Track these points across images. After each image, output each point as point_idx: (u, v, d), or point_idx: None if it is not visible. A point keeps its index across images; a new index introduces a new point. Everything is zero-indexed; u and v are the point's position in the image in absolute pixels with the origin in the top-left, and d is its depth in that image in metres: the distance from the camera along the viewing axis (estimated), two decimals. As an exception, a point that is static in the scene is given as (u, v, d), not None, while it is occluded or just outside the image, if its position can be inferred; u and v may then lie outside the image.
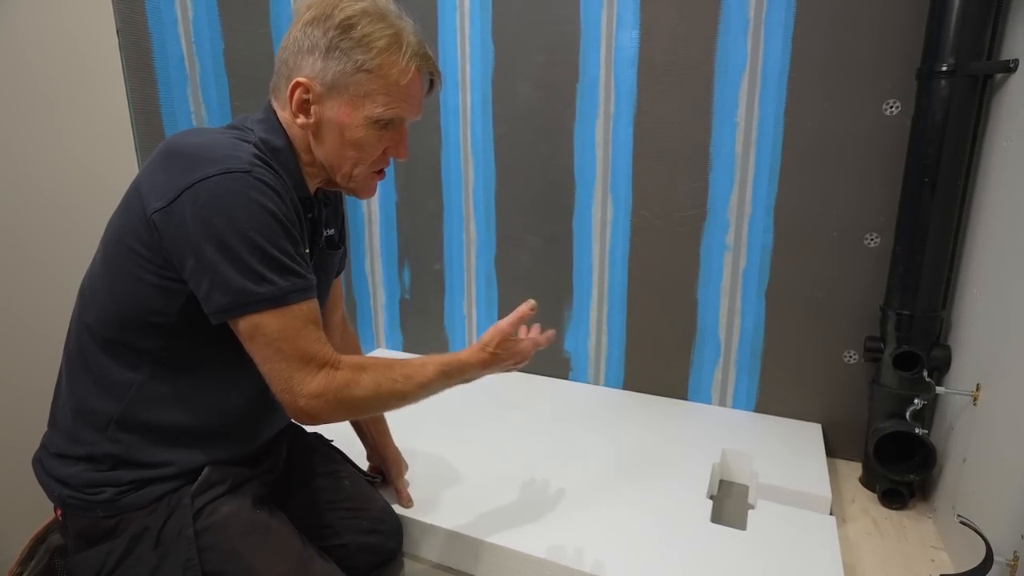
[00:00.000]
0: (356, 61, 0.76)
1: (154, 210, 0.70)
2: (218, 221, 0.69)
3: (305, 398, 0.73)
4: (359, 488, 1.04)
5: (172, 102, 1.29)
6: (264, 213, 0.71)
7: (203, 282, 0.70)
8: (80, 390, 0.78)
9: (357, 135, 0.80)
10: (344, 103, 0.78)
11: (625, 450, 1.33)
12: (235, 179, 0.70)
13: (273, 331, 0.72)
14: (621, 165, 1.50)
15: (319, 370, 0.74)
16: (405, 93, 0.80)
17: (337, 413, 0.77)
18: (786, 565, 0.97)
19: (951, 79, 1.10)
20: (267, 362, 0.73)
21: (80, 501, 0.77)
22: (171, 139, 0.75)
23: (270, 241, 0.71)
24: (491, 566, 1.03)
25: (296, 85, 0.78)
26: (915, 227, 1.19)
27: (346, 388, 0.75)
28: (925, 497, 1.28)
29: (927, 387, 1.19)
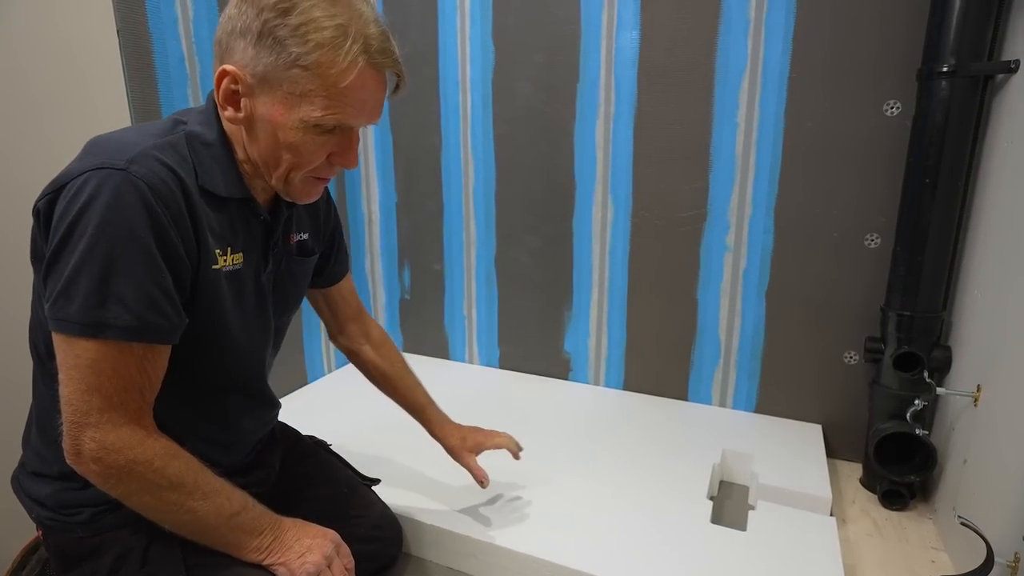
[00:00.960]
0: (291, 54, 0.64)
1: (36, 200, 0.64)
2: (65, 227, 0.60)
3: (94, 444, 0.62)
4: (357, 494, 1.03)
5: (172, 102, 1.29)
6: (118, 230, 0.60)
7: (44, 278, 0.63)
8: (38, 406, 0.75)
9: (292, 138, 0.68)
10: (277, 100, 0.67)
11: (625, 451, 1.32)
12: (102, 177, 0.60)
13: (81, 359, 0.61)
14: (621, 165, 1.50)
15: (125, 424, 0.63)
16: (349, 96, 0.67)
17: (114, 480, 0.64)
18: (786, 566, 0.97)
19: (952, 80, 1.10)
20: (67, 383, 0.62)
21: (58, 522, 0.73)
22: (95, 136, 0.69)
23: (112, 262, 0.60)
24: (491, 566, 1.03)
25: (223, 74, 0.67)
26: (916, 228, 1.19)
27: (146, 464, 0.64)
28: (926, 498, 1.28)
29: (927, 388, 1.19)
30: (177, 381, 0.70)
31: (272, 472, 0.93)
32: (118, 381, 0.63)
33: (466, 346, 1.82)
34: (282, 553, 0.73)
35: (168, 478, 0.66)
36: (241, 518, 0.71)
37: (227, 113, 0.69)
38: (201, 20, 1.33)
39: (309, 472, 1.01)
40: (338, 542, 0.79)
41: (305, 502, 0.97)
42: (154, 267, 0.63)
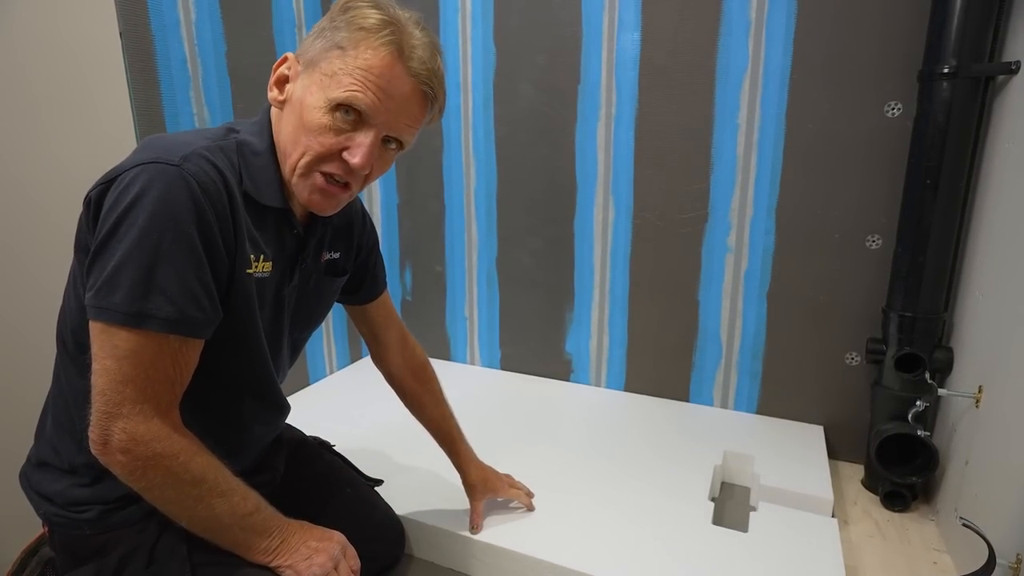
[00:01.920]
0: (336, 39, 0.69)
1: (88, 191, 0.65)
2: (117, 215, 0.61)
3: (123, 435, 0.63)
4: (361, 494, 1.04)
5: (175, 104, 1.29)
6: (168, 222, 0.62)
7: (87, 268, 0.63)
8: (57, 400, 0.76)
9: (314, 117, 0.69)
10: (314, 82, 0.70)
11: (626, 452, 1.32)
12: (156, 170, 0.62)
13: (119, 349, 0.62)
14: (622, 167, 1.50)
15: (155, 416, 0.65)
16: (375, 81, 0.68)
17: (139, 473, 0.65)
18: (788, 567, 0.97)
19: (953, 81, 1.10)
20: (101, 374, 0.63)
21: (66, 519, 0.74)
22: (147, 137, 0.72)
23: (160, 254, 0.62)
24: (492, 568, 1.03)
25: (283, 60, 0.73)
26: (917, 229, 1.19)
27: (172, 458, 0.65)
28: (927, 499, 1.27)
29: (929, 389, 1.19)
30: (195, 382, 0.71)
31: (277, 475, 0.93)
32: (153, 373, 0.64)
33: (467, 347, 1.82)
34: (289, 555, 0.74)
35: (191, 473, 0.67)
36: (254, 519, 0.72)
37: (272, 94, 0.74)
38: (203, 23, 1.34)
39: (313, 473, 1.01)
40: (344, 544, 0.79)
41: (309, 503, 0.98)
42: (198, 261, 0.64)
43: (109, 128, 1.20)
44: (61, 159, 1.16)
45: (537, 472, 1.23)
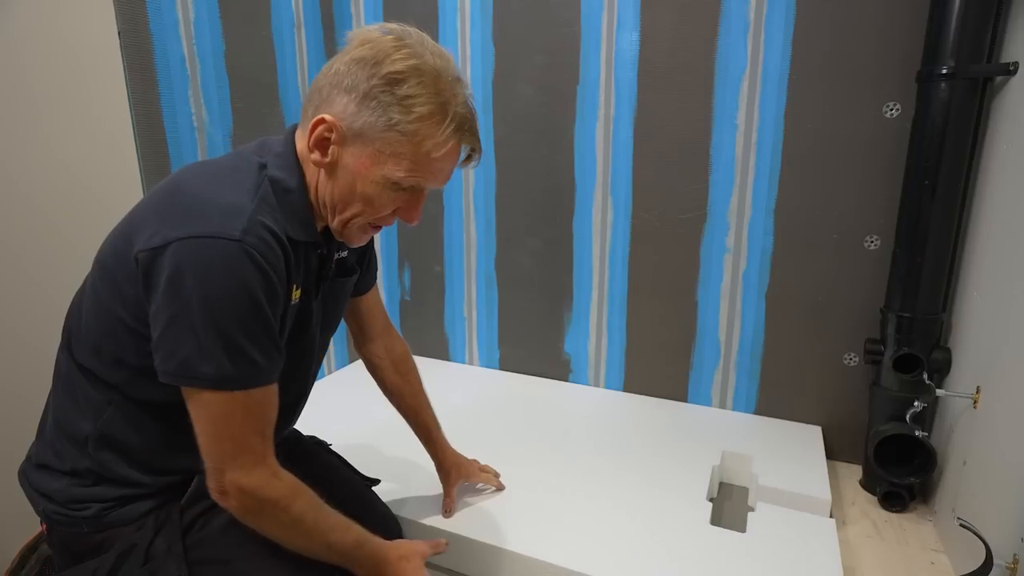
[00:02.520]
0: (391, 119, 0.70)
1: (138, 250, 0.66)
2: (188, 290, 0.64)
3: (233, 487, 0.70)
4: (358, 494, 1.04)
5: (173, 103, 1.29)
6: (240, 294, 0.65)
7: (158, 338, 0.67)
8: (62, 405, 0.77)
9: (369, 190, 0.74)
10: (366, 155, 0.72)
11: (625, 452, 1.32)
12: (221, 247, 0.64)
13: (213, 411, 0.68)
14: (621, 167, 1.50)
15: (255, 466, 0.71)
16: (434, 165, 0.74)
17: (250, 516, 0.72)
18: (786, 568, 0.97)
19: (951, 82, 1.10)
20: (203, 435, 0.69)
21: (65, 517, 0.74)
22: (182, 172, 0.73)
23: (237, 324, 0.66)
24: (490, 567, 1.03)
25: (320, 121, 0.72)
26: (915, 230, 1.19)
27: (274, 504, 0.72)
28: (925, 500, 1.28)
29: (927, 390, 1.19)
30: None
31: None
32: (245, 427, 0.70)
33: (466, 347, 1.82)
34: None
35: (291, 516, 0.73)
36: (355, 554, 0.79)
37: (313, 156, 0.74)
38: (202, 22, 1.33)
39: (309, 472, 1.00)
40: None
41: None
42: (268, 322, 0.69)
43: (107, 127, 1.20)
44: (59, 158, 1.16)
45: (535, 472, 1.23)
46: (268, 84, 1.52)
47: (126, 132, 1.23)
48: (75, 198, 1.18)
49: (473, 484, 1.16)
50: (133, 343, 0.70)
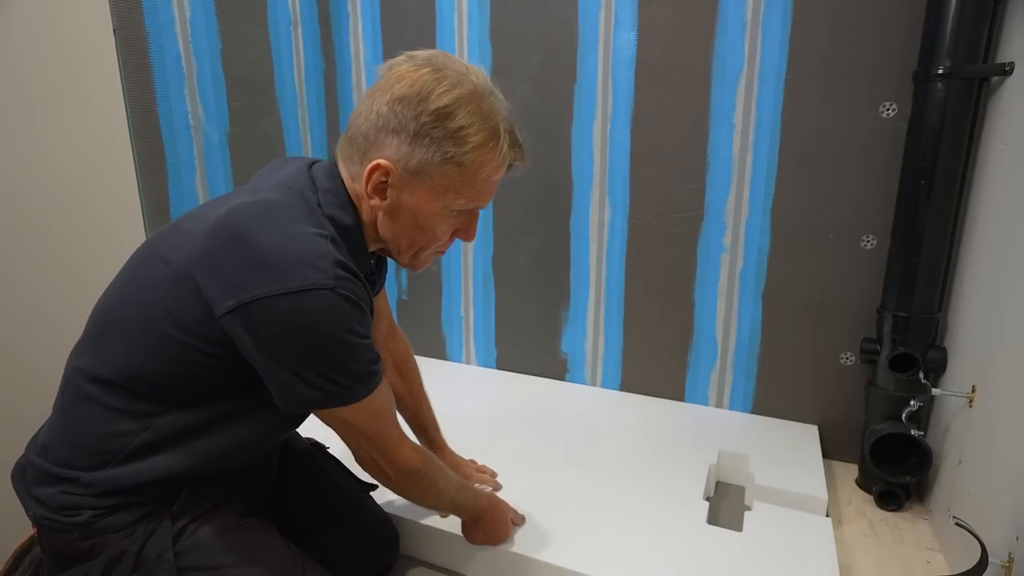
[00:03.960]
0: (447, 153, 0.72)
1: (224, 311, 0.67)
2: (298, 340, 0.68)
3: (389, 467, 0.82)
4: (355, 497, 1.03)
5: (169, 101, 1.29)
6: (344, 333, 0.70)
7: (276, 380, 0.71)
8: (80, 421, 0.76)
9: (431, 222, 0.78)
10: (425, 191, 0.74)
11: (621, 451, 1.32)
12: (318, 298, 0.67)
13: (356, 419, 0.77)
14: (618, 166, 1.50)
15: (398, 447, 0.82)
16: (492, 186, 0.78)
17: (401, 485, 0.85)
18: (782, 567, 0.97)
19: (947, 82, 1.10)
20: (351, 440, 0.80)
21: (56, 523, 0.74)
22: (238, 224, 0.69)
23: (348, 356, 0.71)
24: (487, 568, 1.03)
25: (376, 167, 0.73)
26: (911, 229, 1.19)
27: (418, 472, 0.84)
28: (921, 499, 1.28)
29: (923, 389, 1.20)
30: (247, 423, 0.79)
31: (271, 476, 0.94)
32: (383, 421, 0.80)
33: (463, 346, 1.82)
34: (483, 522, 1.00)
35: (430, 479, 0.88)
36: (467, 505, 0.98)
37: (372, 202, 0.76)
38: (198, 20, 1.33)
39: (307, 474, 1.01)
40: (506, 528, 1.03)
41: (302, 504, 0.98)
42: (367, 343, 0.75)
43: (103, 126, 1.20)
44: (54, 157, 1.15)
45: (532, 471, 1.23)
46: (265, 82, 1.52)
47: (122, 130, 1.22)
48: (71, 197, 1.18)
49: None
50: (204, 370, 0.73)
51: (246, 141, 1.48)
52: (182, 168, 1.33)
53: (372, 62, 1.70)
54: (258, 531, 0.82)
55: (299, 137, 1.64)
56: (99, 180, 1.21)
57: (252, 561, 0.78)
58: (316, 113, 1.69)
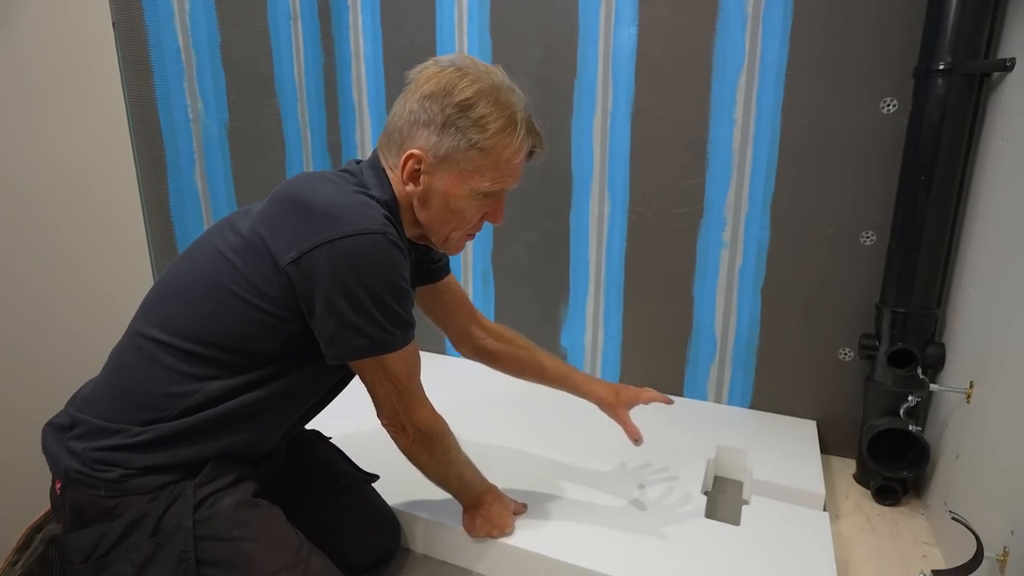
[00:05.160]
0: (471, 139, 0.81)
1: (289, 260, 0.75)
2: (353, 278, 0.74)
3: (410, 424, 0.87)
4: (357, 487, 1.05)
5: (168, 95, 1.29)
6: (394, 274, 0.77)
7: (328, 327, 0.77)
8: (139, 381, 0.80)
9: (460, 204, 0.85)
10: (453, 175, 0.83)
11: (620, 446, 1.33)
12: (371, 240, 0.75)
13: (392, 369, 0.83)
14: (618, 161, 1.50)
15: (422, 405, 0.88)
16: (514, 169, 0.86)
17: (416, 447, 0.90)
18: (779, 560, 0.98)
19: (948, 77, 1.10)
20: (382, 389, 0.85)
21: (86, 476, 0.77)
22: (297, 189, 0.79)
23: (395, 299, 0.78)
24: (486, 561, 1.04)
25: (409, 156, 0.82)
26: (911, 225, 1.19)
27: (436, 436, 0.90)
28: (918, 494, 1.29)
29: (921, 384, 1.20)
30: (296, 392, 0.86)
31: (280, 458, 0.97)
32: (412, 375, 0.86)
33: (463, 341, 1.82)
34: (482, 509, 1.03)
35: (444, 447, 0.92)
36: (470, 486, 1.01)
37: (408, 188, 0.85)
38: (197, 13, 1.33)
39: (310, 463, 1.03)
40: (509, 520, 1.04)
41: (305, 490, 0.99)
42: (409, 291, 0.82)
43: (102, 119, 1.20)
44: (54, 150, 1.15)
45: (531, 466, 1.23)
46: (264, 76, 1.51)
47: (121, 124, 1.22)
48: (70, 189, 1.18)
49: (644, 405, 1.17)
50: (269, 333, 0.79)
51: (246, 135, 1.47)
52: (181, 162, 1.33)
53: (372, 56, 1.69)
54: (270, 510, 0.84)
55: (299, 131, 1.64)
56: (99, 173, 1.21)
57: (264, 537, 0.80)
58: (316, 107, 1.69)
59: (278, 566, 0.78)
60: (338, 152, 1.78)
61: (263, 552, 0.79)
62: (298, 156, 1.64)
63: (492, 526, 1.02)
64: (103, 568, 0.75)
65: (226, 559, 0.77)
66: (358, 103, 1.75)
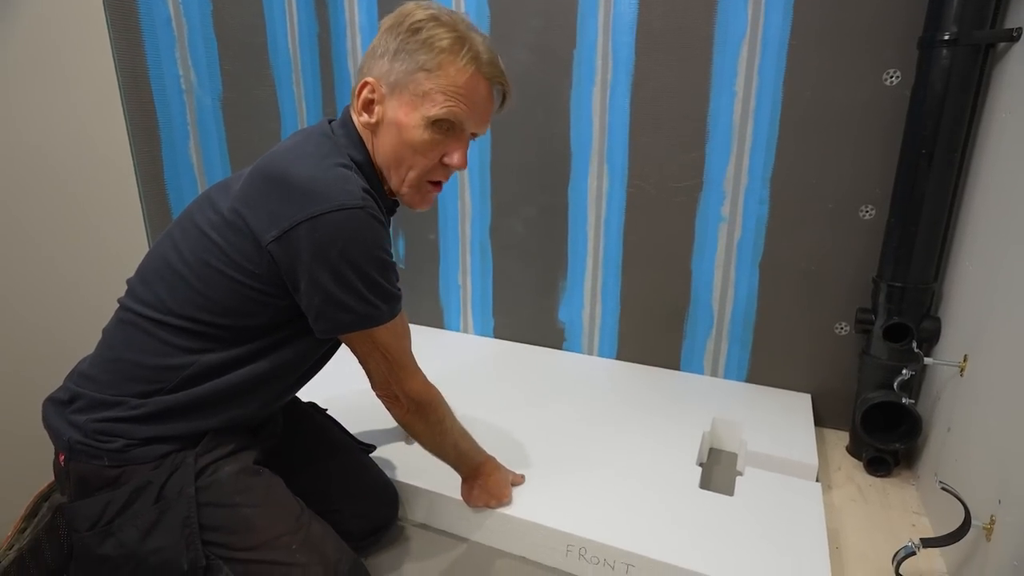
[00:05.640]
0: (418, 61, 0.79)
1: (270, 239, 0.75)
2: (335, 254, 0.75)
3: (403, 394, 0.88)
4: (354, 455, 1.07)
5: (160, 65, 1.26)
6: (375, 248, 0.78)
7: (314, 302, 0.78)
8: (135, 354, 0.81)
9: (414, 136, 0.82)
10: (404, 103, 0.81)
11: (618, 419, 1.34)
12: (350, 216, 0.75)
13: (382, 341, 0.83)
14: (618, 134, 1.48)
15: (415, 375, 0.89)
16: (464, 95, 0.81)
17: (411, 416, 0.91)
18: (772, 529, 0.99)
19: (953, 48, 1.08)
20: (373, 361, 0.86)
21: (89, 447, 0.78)
22: (274, 165, 0.78)
23: (379, 272, 0.79)
24: (484, 529, 1.06)
25: (364, 84, 0.82)
26: (910, 199, 1.18)
27: (429, 405, 0.91)
28: (909, 465, 1.31)
29: (916, 358, 1.21)
30: (288, 363, 0.86)
31: (279, 427, 0.99)
32: (402, 345, 0.87)
33: (461, 316, 1.83)
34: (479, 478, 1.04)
35: (438, 416, 0.93)
36: (467, 456, 1.02)
37: (362, 119, 0.84)
38: (188, -20, 1.29)
39: (308, 433, 1.05)
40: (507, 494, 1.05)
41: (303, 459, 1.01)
42: (392, 264, 0.82)
43: (92, 89, 1.18)
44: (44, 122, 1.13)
45: (529, 438, 1.25)
46: (258, 45, 1.48)
47: (112, 95, 1.20)
48: (63, 163, 1.16)
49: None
50: (258, 308, 0.80)
51: (240, 106, 1.45)
52: (175, 133, 1.32)
53: (367, 25, 1.66)
54: (271, 478, 0.86)
55: (294, 102, 1.61)
56: (91, 145, 1.19)
57: (265, 503, 0.82)
58: (311, 77, 1.66)
59: (280, 531, 0.80)
60: (334, 124, 1.76)
61: (264, 517, 0.80)
62: (294, 128, 1.62)
63: (490, 496, 1.03)
64: (110, 534, 0.77)
65: (228, 524, 0.79)
66: (353, 74, 1.72)
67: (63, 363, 0.88)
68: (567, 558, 0.99)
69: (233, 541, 0.78)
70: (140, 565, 0.77)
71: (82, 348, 0.89)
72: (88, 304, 1.20)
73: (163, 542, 0.76)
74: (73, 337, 1.15)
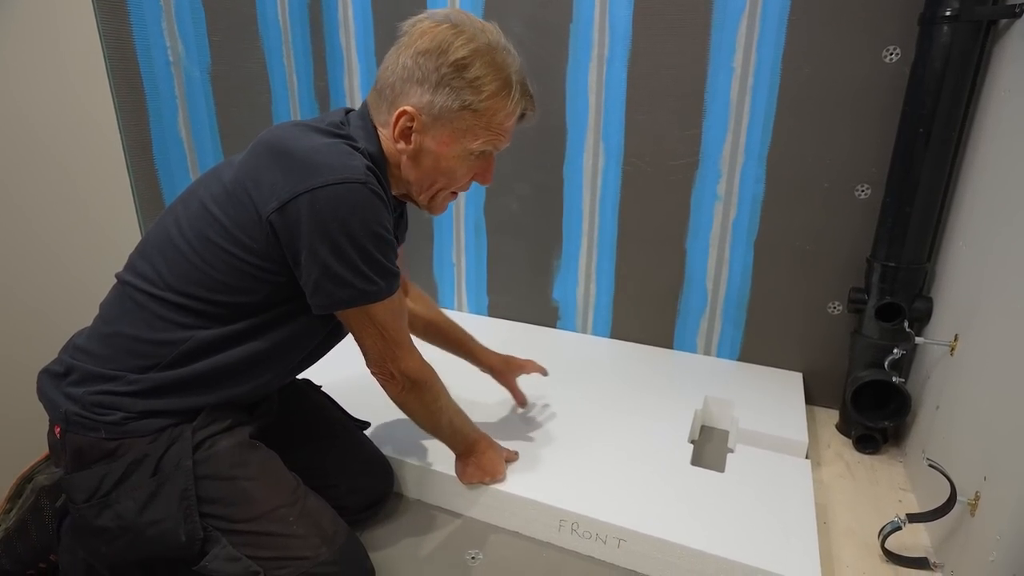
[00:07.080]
0: (464, 100, 0.80)
1: (271, 210, 0.75)
2: (334, 227, 0.74)
3: (399, 372, 0.88)
4: (348, 433, 1.07)
5: (147, 37, 1.23)
6: (375, 223, 0.77)
7: (312, 276, 0.77)
8: (132, 329, 0.81)
9: (451, 164, 0.85)
10: (445, 135, 0.83)
11: (611, 397, 1.35)
12: (351, 189, 0.75)
13: (378, 318, 0.83)
14: (614, 111, 1.47)
15: (410, 353, 0.89)
16: (506, 131, 0.86)
17: (406, 394, 0.91)
18: (761, 505, 1.01)
19: (954, 24, 1.07)
20: (368, 339, 0.85)
21: (86, 419, 0.78)
22: (278, 138, 0.78)
23: (378, 249, 0.78)
24: (477, 505, 1.07)
25: (402, 113, 0.82)
26: (906, 179, 1.18)
27: (424, 383, 0.91)
28: (897, 443, 1.33)
29: (907, 337, 1.22)
30: (287, 341, 0.86)
31: (275, 404, 0.99)
32: (398, 323, 0.87)
33: (455, 294, 1.82)
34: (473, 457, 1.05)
35: (433, 394, 0.94)
36: (461, 433, 1.03)
37: (399, 146, 0.84)
38: (173, -53, 1.25)
39: (302, 409, 1.05)
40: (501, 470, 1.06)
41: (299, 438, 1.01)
42: (391, 243, 0.82)
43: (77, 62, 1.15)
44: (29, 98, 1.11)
45: (523, 416, 1.26)
46: (247, 15, 1.45)
47: (98, 68, 1.17)
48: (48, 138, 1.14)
49: (528, 375, 1.26)
50: (256, 284, 0.80)
51: (229, 79, 1.42)
52: (163, 107, 1.29)
53: (359, -4, 1.62)
54: (267, 452, 0.87)
55: (284, 75, 1.58)
56: (77, 120, 1.17)
57: (262, 476, 0.83)
58: (301, 50, 1.63)
59: (277, 503, 0.81)
60: (326, 99, 1.73)
61: (262, 490, 0.81)
62: (284, 102, 1.59)
63: (484, 473, 1.04)
64: (107, 506, 0.78)
65: (226, 496, 0.79)
66: (345, 47, 1.68)
67: (50, 338, 0.88)
68: (560, 533, 1.01)
69: (231, 513, 0.79)
70: (138, 537, 0.77)
71: (68, 322, 0.88)
72: (76, 279, 1.18)
73: (161, 514, 0.77)
74: (60, 312, 1.14)
